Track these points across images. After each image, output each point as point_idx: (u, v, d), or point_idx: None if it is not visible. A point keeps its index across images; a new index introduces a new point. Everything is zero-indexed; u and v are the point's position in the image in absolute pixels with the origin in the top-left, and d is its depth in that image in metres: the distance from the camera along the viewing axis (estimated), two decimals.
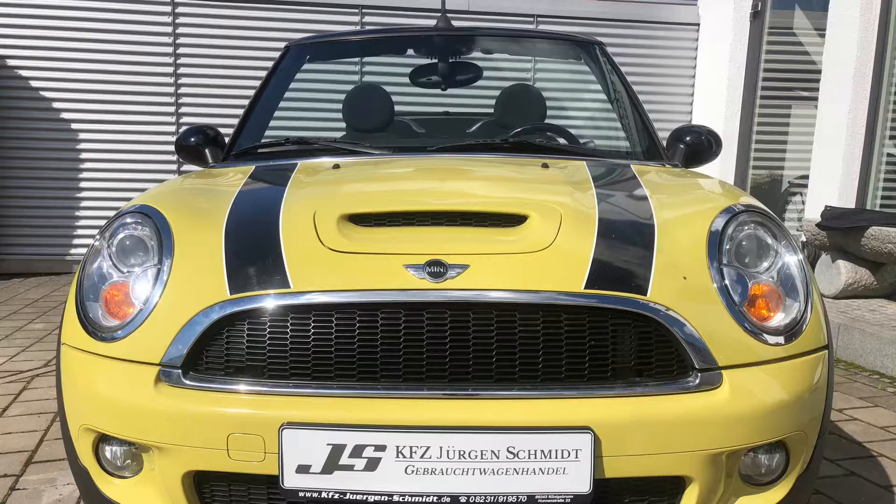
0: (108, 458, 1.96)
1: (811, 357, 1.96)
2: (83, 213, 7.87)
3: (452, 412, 1.74)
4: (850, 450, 3.30)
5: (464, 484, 1.71)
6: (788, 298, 1.99)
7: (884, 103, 6.17)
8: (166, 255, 1.99)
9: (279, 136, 3.38)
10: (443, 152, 2.98)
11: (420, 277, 1.82)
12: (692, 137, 3.22)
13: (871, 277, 5.71)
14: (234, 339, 1.83)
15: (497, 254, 1.89)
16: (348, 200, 2.23)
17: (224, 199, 2.25)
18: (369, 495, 1.73)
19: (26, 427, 3.44)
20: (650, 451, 1.76)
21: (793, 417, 1.89)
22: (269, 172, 2.77)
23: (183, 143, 3.32)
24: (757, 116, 8.15)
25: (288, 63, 3.73)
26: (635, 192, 2.44)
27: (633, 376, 1.82)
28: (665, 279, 1.88)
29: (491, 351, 1.78)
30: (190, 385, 1.82)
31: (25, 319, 5.66)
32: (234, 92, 7.80)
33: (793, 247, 2.07)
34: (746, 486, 1.93)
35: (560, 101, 6.74)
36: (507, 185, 2.55)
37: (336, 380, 1.79)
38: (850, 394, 4.15)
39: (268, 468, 1.76)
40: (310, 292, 1.82)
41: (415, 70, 4.20)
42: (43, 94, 7.66)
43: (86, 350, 1.96)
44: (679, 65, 8.69)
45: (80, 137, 7.78)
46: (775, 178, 8.39)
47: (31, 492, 2.79)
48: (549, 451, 1.71)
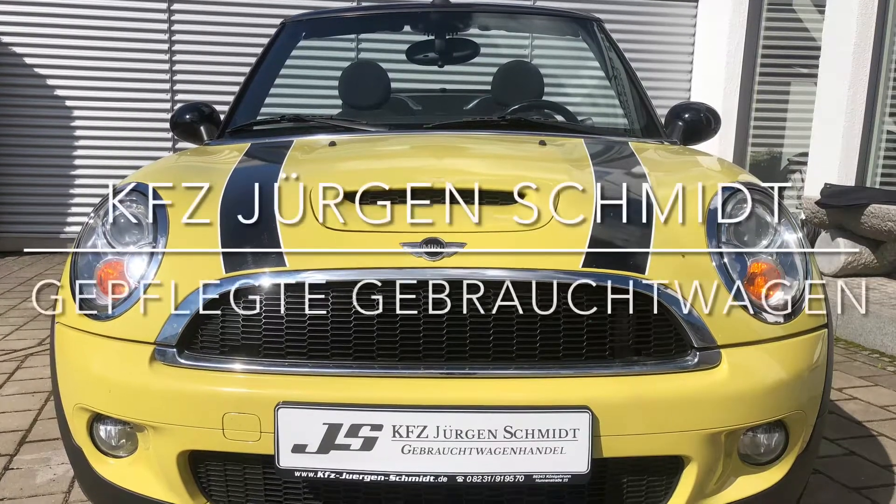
0: (102, 438, 1.95)
1: (811, 336, 1.95)
2: (77, 191, 7.84)
3: (449, 391, 1.74)
4: (849, 429, 3.30)
5: (461, 463, 1.70)
6: (788, 277, 1.98)
7: (884, 80, 6.14)
8: (161, 233, 1.97)
9: (275, 113, 3.36)
10: (440, 130, 2.96)
11: (417, 256, 1.80)
12: (691, 115, 3.20)
13: (871, 255, 5.69)
14: (229, 317, 1.82)
15: (494, 232, 1.88)
16: (344, 178, 2.21)
17: (219, 176, 2.23)
18: (366, 475, 1.72)
19: (20, 406, 3.43)
20: (648, 430, 1.75)
21: (792, 396, 1.88)
22: (265, 150, 2.75)
23: (178, 120, 3.29)
24: (756, 93, 8.12)
25: (284, 40, 3.69)
26: (633, 169, 2.43)
27: (632, 355, 1.81)
28: (663, 257, 1.87)
29: (488, 330, 1.77)
30: (185, 364, 1.81)
31: (19, 298, 5.64)
32: (229, 69, 7.74)
33: (792, 225, 2.05)
34: (745, 465, 1.92)
35: (558, 77, 6.69)
36: (505, 162, 2.53)
37: (332, 359, 1.78)
38: (849, 373, 4.15)
39: (263, 448, 1.75)
40: (306, 270, 1.81)
41: (411, 47, 4.17)
42: (36, 72, 7.61)
43: (80, 329, 1.95)
44: (677, 41, 8.65)
45: (74, 115, 7.74)
46: (774, 156, 8.37)
47: (24, 471, 2.78)
48: (546, 431, 1.70)
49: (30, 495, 2.60)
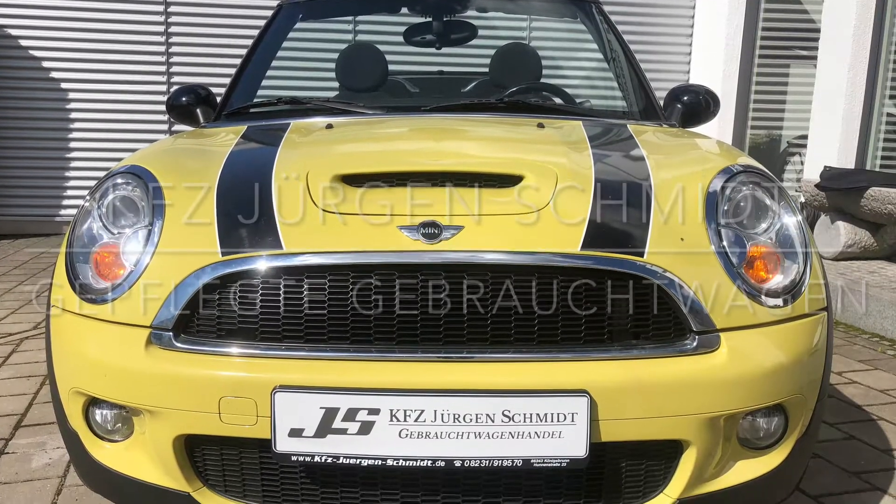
0: (98, 422, 1.95)
1: (810, 319, 1.94)
2: (73, 174, 7.80)
3: (447, 375, 1.73)
4: (849, 413, 3.29)
5: (458, 448, 1.70)
6: (787, 260, 1.97)
7: (884, 62, 6.12)
8: (157, 216, 1.96)
9: (271, 95, 3.34)
10: (437, 112, 2.95)
11: (414, 239, 1.79)
12: (689, 97, 3.18)
13: (871, 239, 5.68)
14: (225, 301, 1.81)
15: (492, 215, 1.87)
16: (342, 161, 2.20)
17: (216, 159, 2.22)
18: (363, 459, 1.71)
19: (16, 390, 3.42)
20: (647, 414, 1.74)
21: (792, 380, 1.87)
22: (262, 132, 2.73)
23: (174, 102, 3.28)
24: (755, 76, 8.10)
25: (280, 22, 3.68)
26: (632, 152, 2.42)
27: (630, 339, 1.80)
28: (662, 240, 1.86)
29: (486, 313, 1.76)
30: (181, 348, 1.80)
31: (15, 281, 5.63)
32: (226, 51, 7.71)
33: (791, 208, 2.04)
34: (745, 449, 1.91)
35: (556, 60, 6.66)
36: (503, 145, 2.52)
37: (329, 342, 1.77)
38: (849, 356, 4.14)
39: (260, 432, 1.74)
40: (302, 254, 1.80)
41: (409, 29, 4.16)
42: (32, 54, 7.58)
43: (76, 312, 1.94)
44: (676, 23, 8.61)
45: (70, 97, 7.70)
46: (774, 139, 8.35)
47: (20, 455, 2.77)
48: (544, 415, 1.69)
49: (25, 479, 2.59)
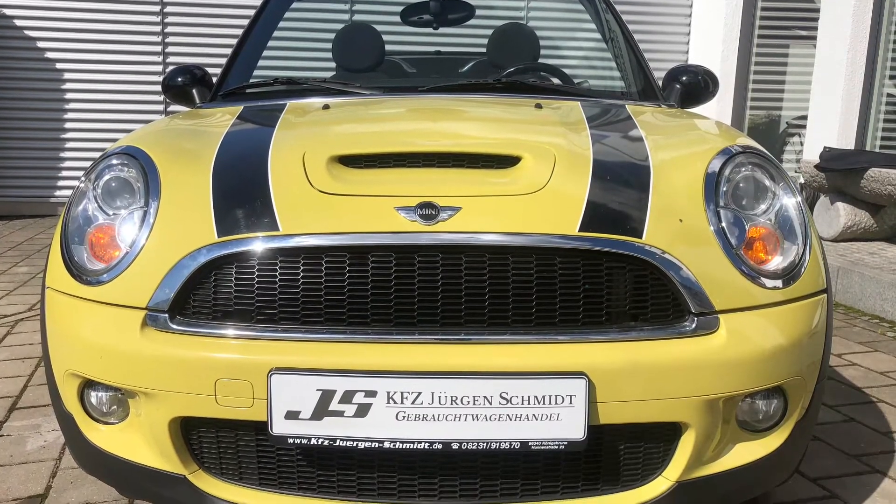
0: (93, 404, 1.94)
1: (810, 301, 1.93)
2: (68, 155, 7.79)
3: (444, 357, 1.72)
4: (849, 395, 3.30)
5: (456, 430, 1.69)
6: (786, 241, 1.96)
7: (883, 42, 6.10)
8: (153, 196, 1.95)
9: (268, 76, 3.32)
10: (434, 92, 2.93)
11: (411, 220, 1.78)
12: (688, 77, 3.17)
13: (871, 220, 5.68)
14: (221, 282, 1.80)
15: (490, 196, 1.85)
16: (338, 141, 2.19)
17: (212, 140, 2.21)
18: (360, 441, 1.70)
19: (10, 372, 3.41)
20: (645, 396, 1.74)
21: (791, 362, 1.86)
22: (258, 113, 2.72)
23: (170, 83, 3.25)
24: (754, 56, 8.08)
25: (277, 1, 3.67)
26: (630, 132, 2.40)
27: (629, 321, 1.79)
28: (661, 222, 1.85)
29: (483, 295, 1.75)
30: (177, 329, 1.79)
31: (9, 263, 5.62)
32: (222, 31, 7.69)
33: (791, 189, 2.03)
34: (744, 432, 1.91)
35: (554, 40, 6.64)
36: (500, 125, 2.51)
37: (326, 324, 1.76)
38: (849, 338, 4.14)
39: (256, 414, 1.73)
40: (299, 235, 1.78)
41: (406, 8, 4.13)
42: (26, 34, 7.54)
43: (71, 294, 1.93)
44: (675, 3, 8.58)
45: (65, 77, 7.67)
46: (773, 119, 8.34)
47: (15, 438, 2.77)
48: (542, 397, 1.68)
49: (20, 462, 2.59)
